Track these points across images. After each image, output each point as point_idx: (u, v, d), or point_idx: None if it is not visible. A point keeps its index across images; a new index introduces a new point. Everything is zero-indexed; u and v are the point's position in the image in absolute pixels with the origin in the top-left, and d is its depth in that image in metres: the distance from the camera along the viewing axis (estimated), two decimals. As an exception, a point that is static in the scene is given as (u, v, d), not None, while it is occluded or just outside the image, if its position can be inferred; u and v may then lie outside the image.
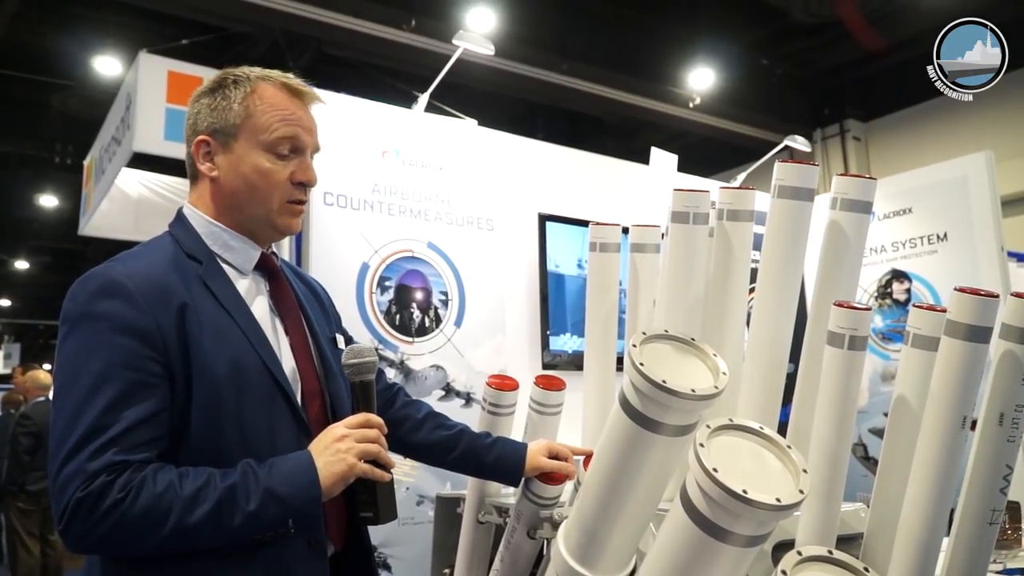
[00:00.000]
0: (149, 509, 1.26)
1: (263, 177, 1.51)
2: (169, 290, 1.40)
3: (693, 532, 0.98)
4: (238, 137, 1.51)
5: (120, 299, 1.36)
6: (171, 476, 1.30)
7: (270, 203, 1.52)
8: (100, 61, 7.39)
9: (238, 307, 1.47)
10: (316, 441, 1.41)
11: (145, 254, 1.49)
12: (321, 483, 1.35)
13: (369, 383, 1.49)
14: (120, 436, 1.29)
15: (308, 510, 1.36)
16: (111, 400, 1.30)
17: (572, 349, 3.90)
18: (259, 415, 1.42)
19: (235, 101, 1.52)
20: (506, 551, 1.76)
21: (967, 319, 1.07)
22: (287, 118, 1.52)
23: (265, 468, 1.34)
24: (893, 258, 4.97)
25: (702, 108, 8.00)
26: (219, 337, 1.41)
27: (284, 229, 1.57)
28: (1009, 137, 7.26)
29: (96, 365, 1.32)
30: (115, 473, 1.26)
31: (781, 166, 1.44)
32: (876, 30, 7.17)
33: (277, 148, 1.51)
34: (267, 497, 1.31)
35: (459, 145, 3.81)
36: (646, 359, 1.10)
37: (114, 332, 1.34)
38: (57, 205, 11.32)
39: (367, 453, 1.40)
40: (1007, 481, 1.11)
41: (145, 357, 1.34)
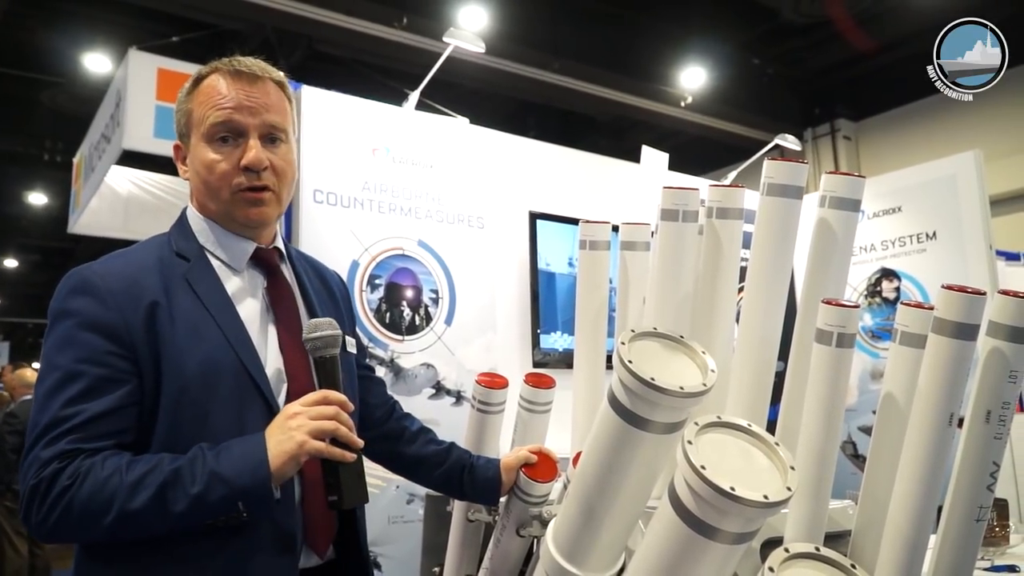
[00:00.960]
0: (94, 494, 1.25)
1: (208, 169, 1.48)
2: (141, 288, 1.40)
3: (681, 529, 0.98)
4: (190, 135, 1.51)
5: (89, 296, 1.37)
6: (120, 462, 1.28)
7: (222, 195, 1.49)
8: (90, 58, 7.36)
9: (220, 306, 1.45)
10: (272, 422, 1.36)
11: (131, 253, 1.49)
12: (270, 463, 1.29)
13: (331, 358, 1.42)
14: (78, 426, 1.29)
15: (257, 492, 1.29)
16: (74, 394, 1.31)
17: (563, 347, 3.90)
18: (229, 414, 1.39)
19: (184, 102, 1.53)
20: (495, 549, 1.76)
21: (954, 316, 1.07)
22: (219, 103, 1.47)
23: (215, 450, 1.31)
24: (883, 256, 4.99)
25: (693, 107, 8.02)
26: (193, 335, 1.39)
27: (243, 220, 1.52)
28: (998, 136, 7.29)
29: (64, 360, 1.34)
30: (67, 460, 1.27)
31: (770, 164, 1.45)
32: (866, 30, 7.19)
33: (215, 136, 1.47)
34: (212, 479, 1.27)
35: (450, 143, 3.81)
36: (635, 356, 1.10)
37: (81, 328, 1.35)
38: (46, 203, 11.28)
39: (321, 430, 1.32)
40: (994, 478, 1.12)
41: (110, 353, 1.34)
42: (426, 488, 1.87)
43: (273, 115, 1.51)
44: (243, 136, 1.48)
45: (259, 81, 1.52)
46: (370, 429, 1.76)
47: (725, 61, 7.76)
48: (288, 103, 1.58)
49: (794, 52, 8.03)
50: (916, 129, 8.19)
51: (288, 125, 1.55)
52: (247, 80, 1.50)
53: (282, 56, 6.56)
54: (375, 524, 3.21)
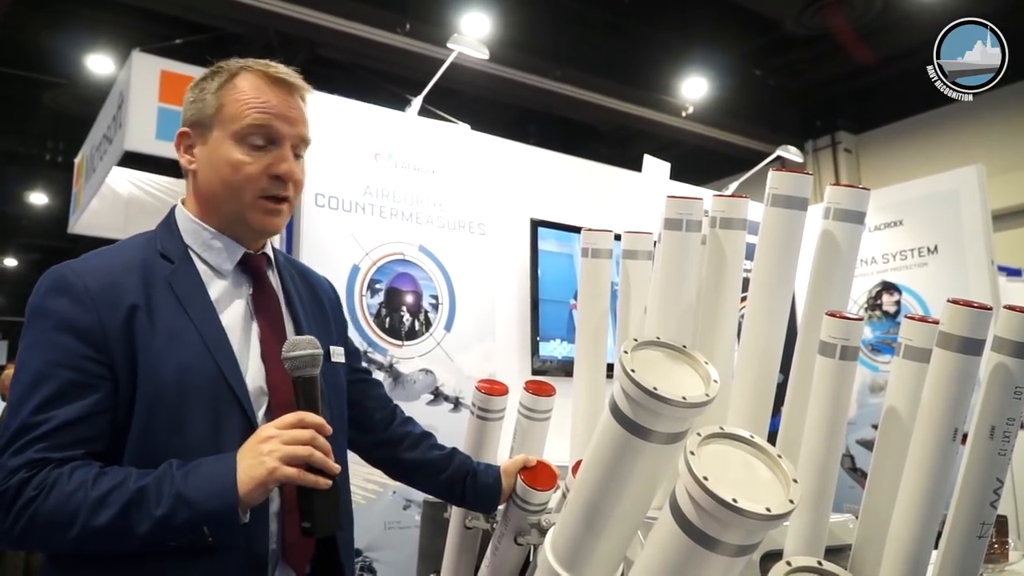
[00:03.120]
0: (58, 508, 1.21)
1: (234, 170, 1.43)
2: (120, 289, 1.34)
3: (682, 540, 0.97)
4: (213, 128, 1.45)
5: (66, 297, 1.32)
6: (87, 475, 1.24)
7: (243, 198, 1.44)
8: (93, 59, 7.37)
9: (202, 311, 1.40)
10: (245, 443, 1.30)
11: (113, 252, 1.44)
12: (239, 488, 1.23)
13: (311, 379, 1.35)
14: (47, 434, 1.24)
15: (223, 518, 1.23)
16: (44, 398, 1.26)
17: (562, 355, 3.89)
18: (205, 424, 1.33)
19: (210, 91, 1.47)
20: (493, 557, 1.75)
21: (960, 331, 1.07)
22: (260, 106, 1.44)
23: (184, 469, 1.25)
24: (883, 270, 4.99)
25: (695, 117, 8.03)
26: (172, 341, 1.34)
27: (259, 228, 1.48)
28: (1000, 151, 7.31)
29: (36, 363, 1.29)
30: (34, 470, 1.23)
31: (775, 174, 1.44)
32: (868, 43, 7.20)
33: (249, 138, 1.44)
34: (178, 502, 1.22)
35: (452, 149, 3.81)
36: (637, 366, 1.09)
37: (56, 330, 1.30)
38: (47, 203, 11.28)
39: (293, 456, 1.25)
40: (997, 495, 1.11)
41: (84, 357, 1.29)
42: (424, 494, 1.84)
43: (305, 128, 1.50)
44: (276, 144, 1.45)
45: (296, 91, 1.51)
46: (368, 433, 1.74)
47: (727, 72, 7.78)
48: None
49: (796, 64, 8.05)
50: (917, 142, 8.21)
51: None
52: (287, 89, 1.49)
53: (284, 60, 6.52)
54: (371, 529, 3.19)
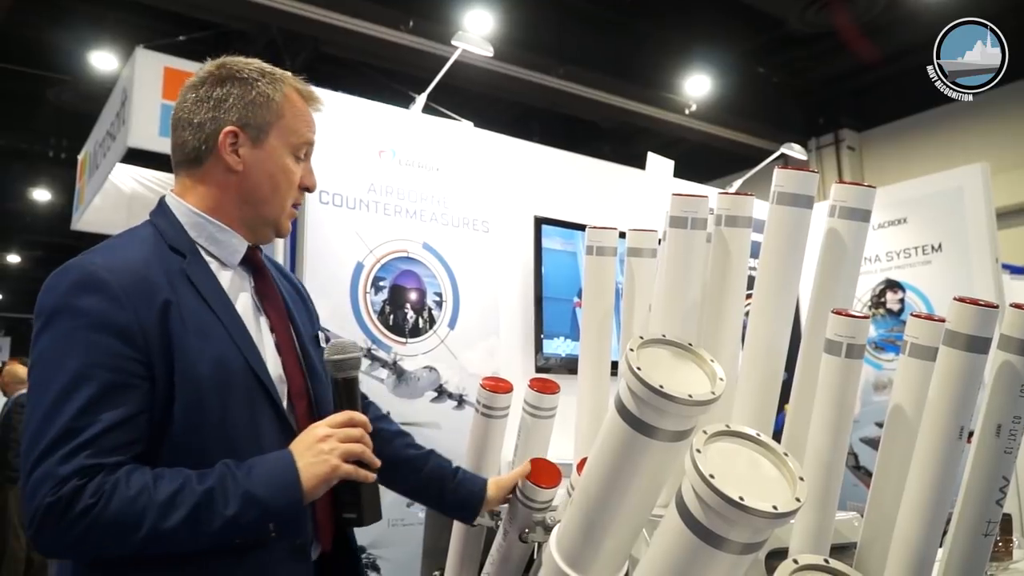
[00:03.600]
0: (121, 514, 1.21)
1: (288, 178, 1.52)
2: (152, 286, 1.34)
3: (688, 538, 0.97)
4: (270, 134, 1.49)
5: (100, 295, 1.30)
6: (145, 479, 1.24)
7: (285, 204, 1.54)
8: (96, 56, 7.37)
9: (222, 304, 1.42)
10: (297, 441, 1.36)
11: (124, 246, 1.42)
12: (303, 485, 1.30)
13: (353, 380, 1.45)
14: (94, 439, 1.23)
15: (290, 513, 1.30)
16: (87, 401, 1.24)
17: (565, 352, 3.89)
18: (242, 416, 1.37)
19: (273, 99, 1.50)
20: (497, 554, 1.75)
21: (966, 329, 1.06)
22: (309, 124, 1.57)
23: (244, 469, 1.29)
24: (887, 268, 4.98)
25: (698, 115, 8.03)
26: (203, 335, 1.35)
27: (283, 231, 1.58)
28: (1004, 149, 7.29)
29: (73, 363, 1.26)
30: (87, 477, 1.21)
31: (780, 172, 1.44)
32: (872, 41, 7.19)
33: (299, 152, 1.54)
34: (246, 501, 1.26)
35: (456, 146, 3.81)
36: (643, 363, 1.09)
37: (93, 330, 1.28)
38: (50, 199, 11.28)
39: (351, 453, 1.35)
40: (1003, 493, 1.11)
41: (125, 357, 1.28)
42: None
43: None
44: (307, 159, 1.58)
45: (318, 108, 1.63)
46: None
47: (730, 70, 7.77)
48: None
49: (799, 62, 8.03)
50: (920, 140, 8.20)
51: None
52: (316, 107, 1.61)
53: (288, 57, 6.56)
54: (375, 527, 3.19)
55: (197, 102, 1.50)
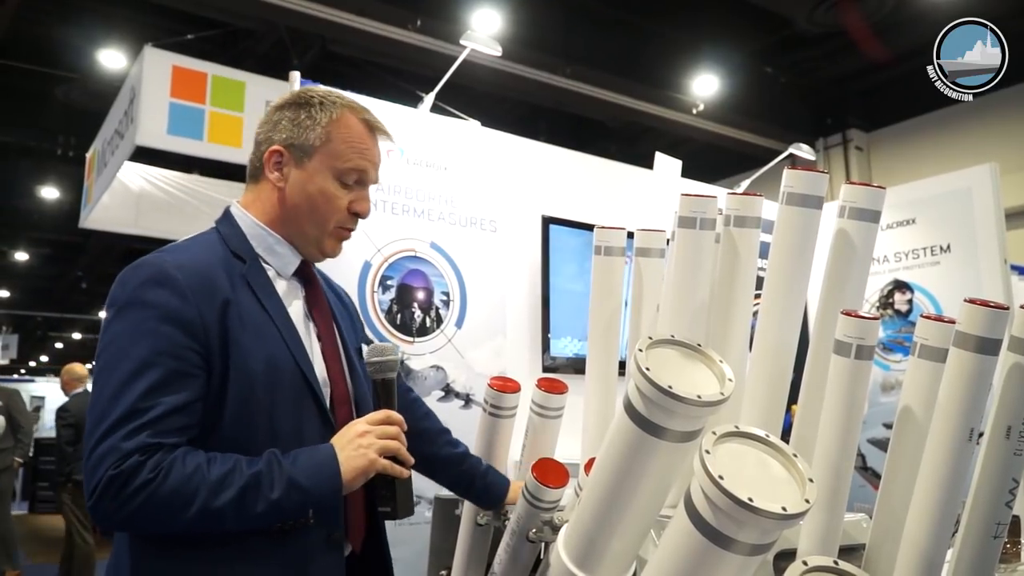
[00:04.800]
0: (177, 490, 1.29)
1: (327, 201, 1.58)
2: (215, 284, 1.44)
3: (697, 539, 0.97)
4: (313, 157, 1.58)
5: (168, 289, 1.40)
6: (200, 459, 1.33)
7: (326, 226, 1.59)
8: (105, 54, 7.39)
9: (277, 308, 1.52)
10: (338, 436, 1.46)
11: (194, 247, 1.53)
12: (342, 476, 1.40)
13: (391, 381, 1.54)
14: (156, 420, 1.32)
15: (328, 501, 1.41)
16: (151, 385, 1.34)
17: (573, 352, 3.89)
18: (289, 414, 1.46)
19: (319, 123, 1.58)
20: (504, 554, 1.75)
21: (977, 330, 1.06)
22: (364, 152, 1.61)
23: (289, 458, 1.38)
24: (895, 268, 4.97)
25: (705, 115, 8.02)
26: (258, 335, 1.46)
27: (328, 252, 1.64)
28: (1013, 150, 7.27)
29: (140, 351, 1.36)
30: (147, 454, 1.30)
31: (790, 173, 1.43)
32: (880, 41, 7.17)
33: (345, 177, 1.59)
34: (290, 487, 1.35)
35: (463, 146, 3.81)
36: (652, 364, 1.09)
37: (160, 321, 1.38)
38: (58, 197, 11.31)
39: (387, 449, 1.45)
40: (1013, 495, 1.11)
41: (187, 347, 1.38)
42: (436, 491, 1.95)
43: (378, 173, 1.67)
44: (362, 185, 1.63)
45: (385, 140, 1.71)
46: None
47: (737, 69, 7.76)
48: None
49: (807, 61, 8.02)
50: (928, 141, 8.17)
51: None
52: (378, 138, 1.67)
53: (296, 56, 6.58)
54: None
55: (265, 123, 1.63)
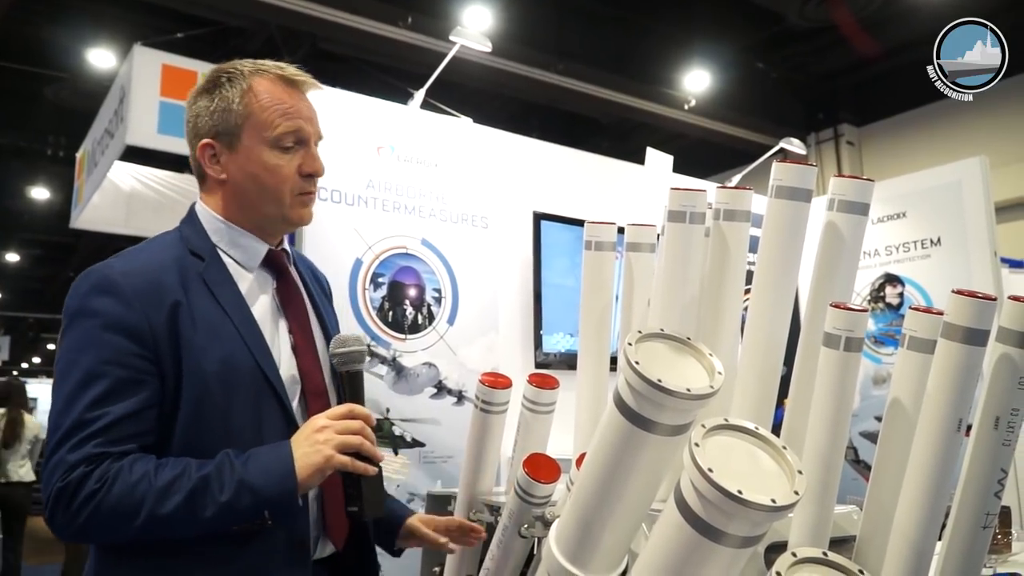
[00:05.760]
0: (122, 499, 1.27)
1: (272, 173, 1.51)
2: (163, 288, 1.40)
3: (687, 532, 0.97)
4: (241, 137, 1.51)
5: (113, 296, 1.37)
6: (147, 466, 1.30)
7: (282, 198, 1.52)
8: (94, 53, 7.36)
9: (236, 306, 1.47)
10: (297, 433, 1.40)
11: (147, 251, 1.50)
12: (297, 475, 1.34)
13: (356, 373, 1.49)
14: (103, 429, 1.30)
15: (283, 501, 1.34)
16: (98, 395, 1.31)
17: (565, 348, 3.89)
18: (247, 414, 1.42)
19: (233, 101, 1.51)
20: (497, 550, 1.75)
21: (964, 322, 1.06)
22: (287, 111, 1.52)
23: (243, 459, 1.34)
24: (886, 262, 4.98)
25: (697, 111, 8.01)
26: (212, 335, 1.41)
27: (298, 221, 1.57)
28: (1003, 143, 7.28)
29: (87, 361, 1.34)
30: (94, 464, 1.28)
31: (779, 166, 1.43)
32: (871, 35, 7.18)
33: (282, 143, 1.51)
34: (241, 488, 1.30)
35: (455, 142, 3.81)
36: (641, 357, 1.09)
37: (105, 329, 1.35)
38: (48, 197, 11.27)
39: (347, 445, 1.38)
40: (1001, 485, 1.11)
41: (134, 354, 1.35)
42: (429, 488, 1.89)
43: (319, 125, 1.60)
44: (303, 144, 1.54)
45: (308, 90, 1.59)
46: None
47: (729, 65, 7.76)
48: None
49: (798, 57, 8.03)
50: (920, 135, 8.18)
51: None
52: (302, 89, 1.57)
53: (287, 54, 6.55)
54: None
55: (187, 121, 1.57)
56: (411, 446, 3.35)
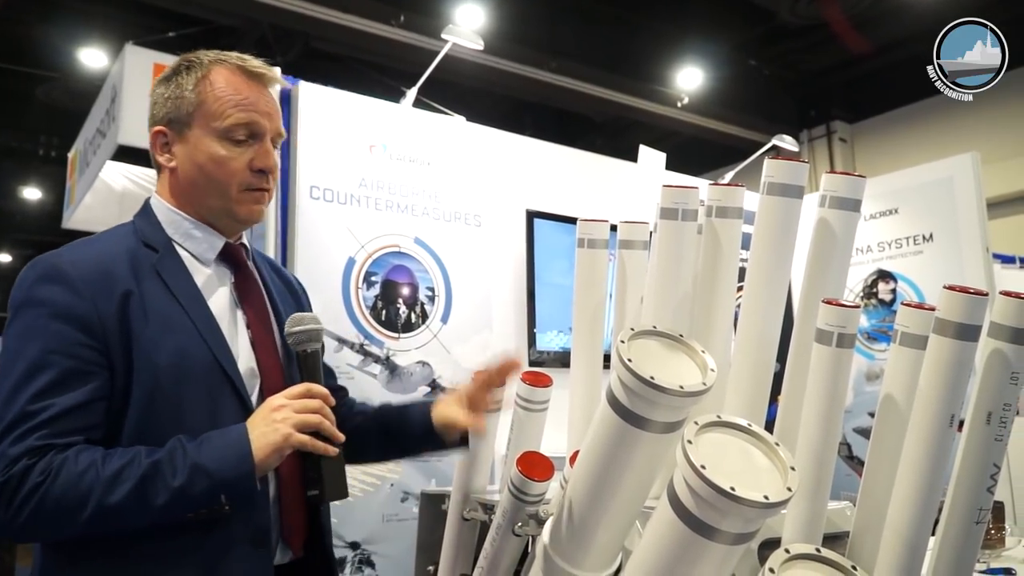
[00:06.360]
0: (68, 490, 1.22)
1: (219, 165, 1.46)
2: (114, 277, 1.36)
3: (680, 529, 0.97)
4: (192, 125, 1.47)
5: (60, 285, 1.33)
6: (94, 456, 1.25)
7: (228, 192, 1.48)
8: (85, 53, 7.34)
9: (191, 298, 1.43)
10: (254, 415, 1.35)
11: (99, 241, 1.46)
12: (254, 455, 1.28)
13: (314, 352, 1.44)
14: (48, 422, 1.25)
15: (241, 484, 1.29)
16: (43, 386, 1.27)
17: (559, 346, 3.89)
18: (201, 407, 1.37)
19: (187, 88, 1.48)
20: (491, 548, 1.74)
21: (956, 317, 1.06)
22: (241, 103, 1.47)
23: (196, 443, 1.29)
24: (879, 258, 4.99)
25: (690, 108, 8.02)
26: (165, 327, 1.36)
27: (244, 218, 1.52)
28: (995, 139, 7.30)
29: (32, 351, 1.29)
30: (36, 457, 1.23)
31: (771, 163, 1.44)
32: (863, 32, 7.19)
33: (232, 135, 1.46)
34: (195, 471, 1.25)
35: (447, 140, 3.80)
36: (634, 355, 1.09)
37: (52, 318, 1.31)
38: (40, 198, 11.24)
39: (305, 423, 1.33)
40: (994, 480, 1.11)
41: (82, 344, 1.31)
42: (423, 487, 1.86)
43: (280, 122, 1.53)
44: (256, 138, 1.48)
45: (271, 84, 1.53)
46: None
47: (722, 62, 7.77)
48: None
49: (790, 54, 8.04)
50: (912, 131, 8.20)
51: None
52: (263, 82, 1.51)
53: (279, 52, 6.54)
54: (369, 522, 3.20)
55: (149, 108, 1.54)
56: (405, 445, 3.34)
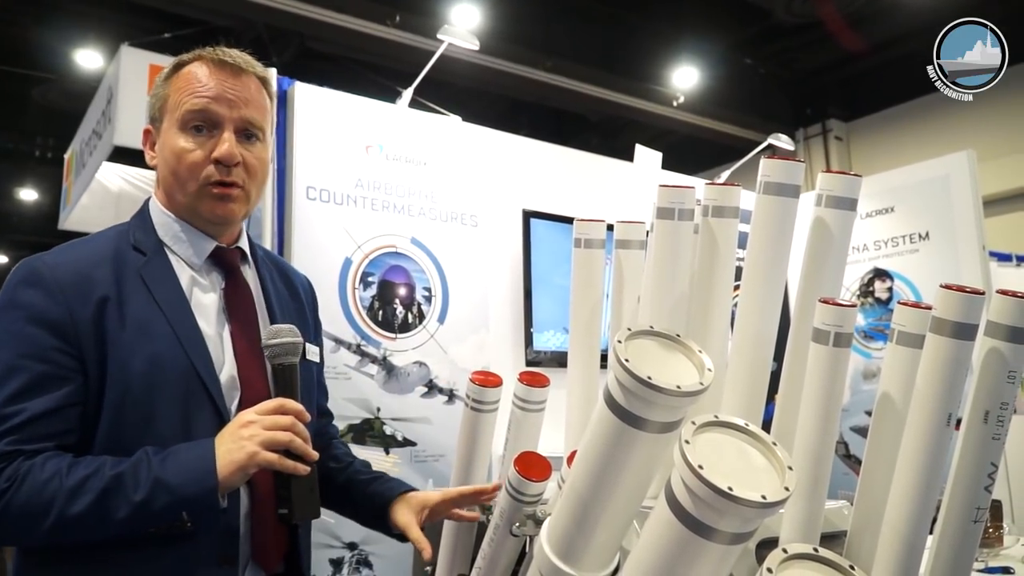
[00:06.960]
0: (31, 498, 1.21)
1: (179, 158, 1.43)
2: (91, 282, 1.34)
3: (678, 529, 0.97)
4: (163, 120, 1.46)
5: (37, 289, 1.32)
6: (60, 464, 1.24)
7: (188, 186, 1.44)
8: (81, 54, 7.34)
9: (173, 304, 1.39)
10: (224, 429, 1.32)
11: (86, 244, 1.44)
12: (218, 472, 1.25)
13: (290, 366, 1.39)
14: (17, 427, 1.24)
15: (203, 501, 1.25)
16: (15, 391, 1.25)
17: (556, 346, 3.89)
18: (175, 418, 1.34)
19: (161, 86, 1.48)
20: (488, 548, 1.74)
21: (953, 316, 1.06)
22: (197, 91, 1.43)
23: (161, 456, 1.26)
24: (875, 257, 4.99)
25: (686, 107, 8.03)
26: (142, 333, 1.34)
27: (208, 216, 1.47)
28: (991, 137, 7.31)
29: (6, 355, 1.28)
30: (4, 462, 1.22)
31: (767, 162, 1.43)
32: (858, 31, 7.20)
33: (189, 124, 1.43)
34: (156, 487, 1.22)
35: (443, 141, 3.80)
36: (631, 355, 1.08)
37: (27, 323, 1.30)
38: (37, 199, 11.23)
39: (274, 442, 1.29)
40: (992, 479, 1.11)
41: (55, 349, 1.29)
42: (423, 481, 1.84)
43: (252, 111, 1.47)
44: (218, 128, 1.44)
45: (242, 74, 1.48)
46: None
47: (717, 61, 7.78)
48: (269, 101, 1.53)
49: (786, 52, 8.05)
50: (907, 129, 8.21)
51: (266, 124, 1.50)
52: (230, 71, 1.46)
53: (274, 53, 6.54)
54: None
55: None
56: (402, 445, 3.34)
